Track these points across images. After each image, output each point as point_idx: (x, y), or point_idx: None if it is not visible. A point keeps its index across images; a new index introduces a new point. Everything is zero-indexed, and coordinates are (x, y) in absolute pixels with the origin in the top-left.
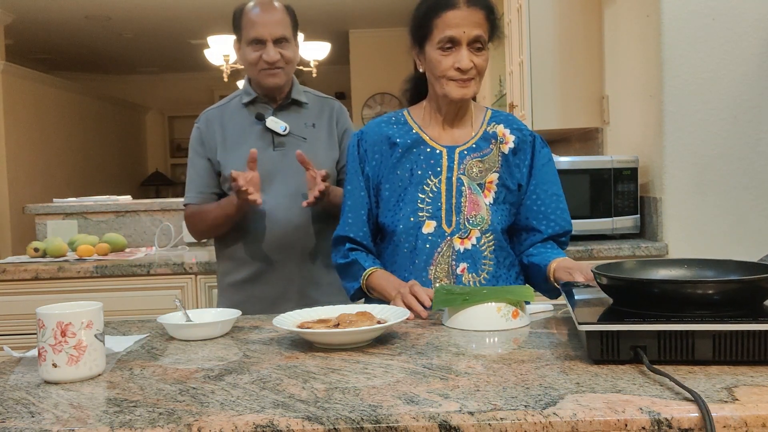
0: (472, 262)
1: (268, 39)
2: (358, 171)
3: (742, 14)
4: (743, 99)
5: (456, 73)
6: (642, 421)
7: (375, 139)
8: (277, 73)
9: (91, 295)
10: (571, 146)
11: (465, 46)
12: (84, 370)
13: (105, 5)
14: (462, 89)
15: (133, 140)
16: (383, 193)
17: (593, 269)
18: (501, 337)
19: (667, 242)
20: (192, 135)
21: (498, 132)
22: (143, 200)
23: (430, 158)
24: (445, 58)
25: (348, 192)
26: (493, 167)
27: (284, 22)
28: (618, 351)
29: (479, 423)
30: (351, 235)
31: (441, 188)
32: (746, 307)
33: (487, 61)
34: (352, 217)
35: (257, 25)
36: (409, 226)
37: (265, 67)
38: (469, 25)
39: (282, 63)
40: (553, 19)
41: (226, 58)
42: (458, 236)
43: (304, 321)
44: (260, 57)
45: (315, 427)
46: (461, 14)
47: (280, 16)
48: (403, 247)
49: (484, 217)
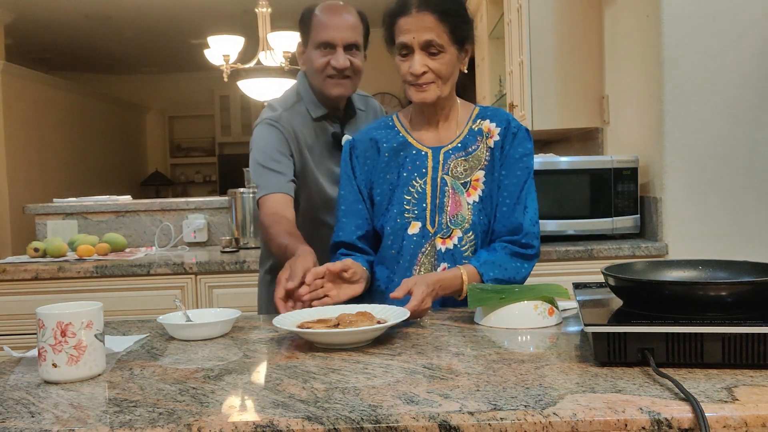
0: (452, 262)
1: (339, 44)
2: (350, 176)
3: (742, 14)
4: (743, 99)
5: (412, 78)
6: (642, 421)
7: (365, 145)
8: (344, 83)
9: (91, 295)
10: (571, 146)
11: (418, 51)
12: (84, 370)
13: (105, 5)
14: (421, 93)
15: (133, 140)
16: (375, 197)
17: (603, 270)
18: (502, 336)
19: (667, 242)
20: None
21: (483, 128)
22: (143, 200)
23: (416, 160)
24: (403, 64)
25: (341, 197)
26: (479, 165)
27: (357, 29)
28: (625, 353)
29: (479, 423)
30: (344, 240)
31: (426, 189)
32: (758, 309)
33: (448, 64)
34: (345, 223)
35: (328, 27)
36: (396, 228)
37: (332, 73)
38: (419, 30)
39: (350, 72)
40: (553, 19)
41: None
42: (440, 236)
43: (304, 321)
44: (328, 63)
45: (315, 427)
46: (411, 20)
47: (354, 21)
48: (390, 248)
49: (465, 217)
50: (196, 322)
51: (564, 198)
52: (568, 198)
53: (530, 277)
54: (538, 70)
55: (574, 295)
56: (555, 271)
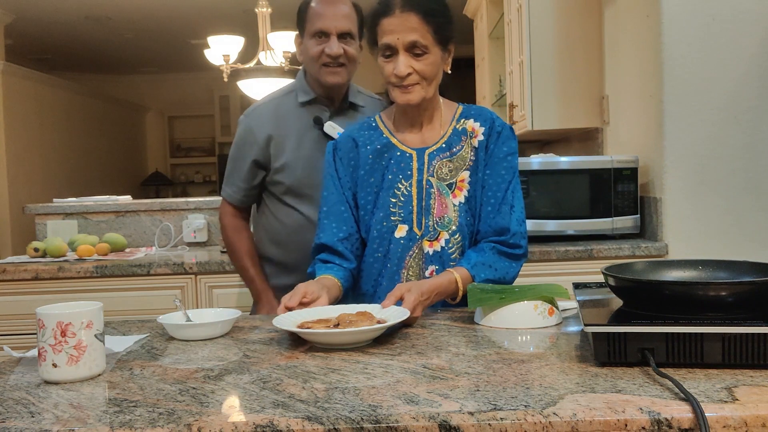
0: (440, 264)
1: (332, 32)
2: (334, 177)
3: (742, 14)
4: (743, 99)
5: (396, 79)
6: (642, 421)
7: (348, 146)
8: (339, 71)
9: (91, 295)
10: (571, 146)
11: (402, 52)
12: (84, 370)
13: (105, 5)
14: (405, 95)
15: (133, 140)
16: (359, 200)
17: (603, 270)
18: (502, 336)
19: (667, 242)
20: (238, 129)
21: (468, 127)
22: (143, 200)
23: (400, 162)
24: (387, 65)
25: (324, 198)
26: (464, 165)
27: (351, 18)
28: (625, 353)
29: (479, 423)
30: (325, 242)
31: (412, 192)
32: (758, 309)
33: (432, 64)
34: (327, 225)
35: (323, 17)
36: (382, 231)
37: (327, 61)
38: (404, 31)
39: (344, 59)
40: (553, 19)
41: (226, 58)
42: (427, 239)
43: (305, 321)
44: (323, 51)
45: (315, 427)
46: (395, 21)
47: (347, 10)
48: (376, 252)
49: (451, 219)
50: (196, 322)
51: (564, 198)
52: (568, 198)
53: (530, 277)
54: (538, 70)
55: (574, 295)
56: (555, 271)
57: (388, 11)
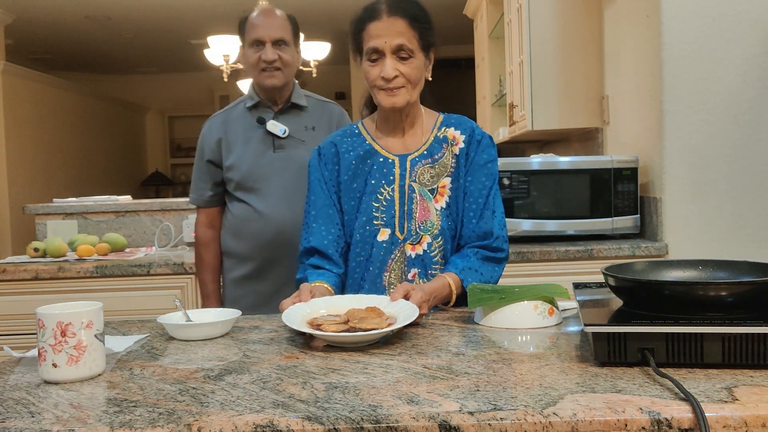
0: (422, 267)
1: (266, 40)
2: (321, 181)
3: (742, 14)
4: (743, 99)
5: (383, 82)
6: (642, 421)
7: (332, 152)
8: (275, 74)
9: (91, 295)
10: (571, 146)
11: (389, 55)
12: (84, 370)
13: (105, 5)
14: (391, 98)
15: (133, 140)
16: (343, 206)
17: (603, 270)
18: (502, 336)
19: (667, 242)
20: (200, 136)
21: (449, 135)
22: (143, 200)
23: (383, 167)
24: (373, 69)
25: (311, 203)
26: (445, 171)
27: (284, 27)
28: (625, 353)
29: (479, 423)
30: (315, 246)
31: (394, 196)
32: (758, 309)
33: (417, 69)
34: (316, 228)
35: (257, 27)
36: (365, 235)
37: (263, 66)
38: (391, 35)
39: (279, 64)
40: (553, 19)
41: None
42: (409, 242)
43: (314, 317)
44: (259, 57)
45: (315, 427)
46: (382, 24)
47: (280, 21)
48: (359, 255)
49: (434, 223)
50: (196, 322)
51: (564, 198)
52: (568, 198)
53: (530, 277)
54: (538, 70)
55: (574, 295)
56: (555, 271)
57: (375, 16)
